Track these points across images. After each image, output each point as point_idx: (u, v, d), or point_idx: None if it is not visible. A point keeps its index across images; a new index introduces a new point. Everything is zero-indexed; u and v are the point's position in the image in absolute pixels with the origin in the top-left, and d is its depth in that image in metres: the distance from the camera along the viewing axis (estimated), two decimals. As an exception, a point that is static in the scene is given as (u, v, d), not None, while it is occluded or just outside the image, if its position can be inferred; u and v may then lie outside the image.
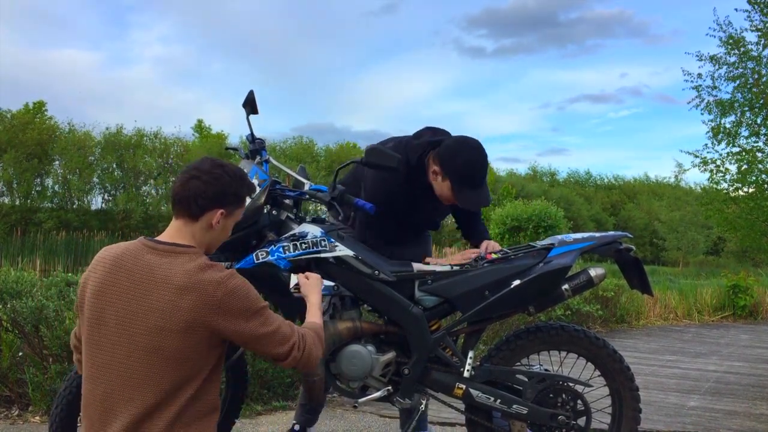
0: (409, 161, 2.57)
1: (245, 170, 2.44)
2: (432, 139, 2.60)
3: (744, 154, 11.53)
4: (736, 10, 11.21)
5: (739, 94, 11.36)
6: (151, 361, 1.68)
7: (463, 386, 2.45)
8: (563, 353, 2.63)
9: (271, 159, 2.56)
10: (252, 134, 2.57)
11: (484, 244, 2.72)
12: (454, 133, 2.65)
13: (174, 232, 1.82)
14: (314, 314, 2.05)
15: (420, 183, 2.60)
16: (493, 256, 2.53)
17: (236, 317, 1.72)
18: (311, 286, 2.14)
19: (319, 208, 2.73)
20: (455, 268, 2.48)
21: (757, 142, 11.54)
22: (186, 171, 1.83)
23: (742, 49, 11.12)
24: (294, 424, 3.02)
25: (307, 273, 2.22)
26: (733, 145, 11.66)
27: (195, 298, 1.67)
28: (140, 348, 1.68)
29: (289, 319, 2.33)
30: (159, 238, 1.82)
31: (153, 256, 1.74)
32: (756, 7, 10.85)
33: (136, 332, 1.69)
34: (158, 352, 1.68)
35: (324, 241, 2.35)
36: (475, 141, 2.53)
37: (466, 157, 2.47)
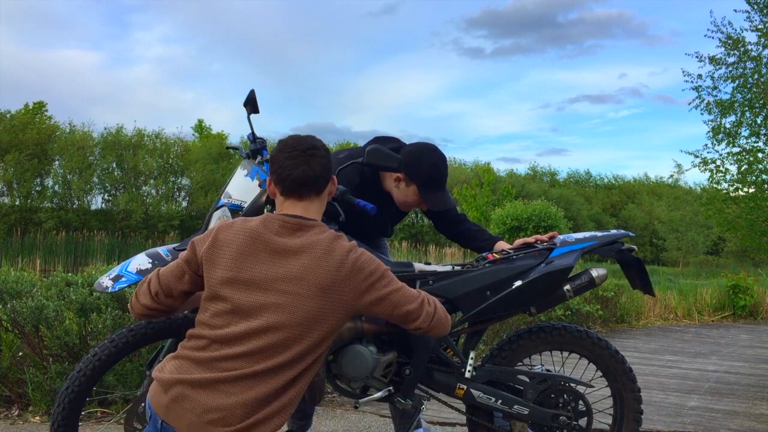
0: (363, 172, 2.62)
1: (246, 170, 2.44)
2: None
3: (744, 154, 11.55)
4: (735, 10, 11.24)
5: (739, 95, 11.37)
6: (290, 328, 1.75)
7: (464, 386, 2.45)
8: (565, 353, 2.63)
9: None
10: (253, 133, 2.57)
11: (500, 245, 2.75)
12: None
13: (301, 210, 1.90)
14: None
15: (373, 191, 2.65)
16: (495, 256, 2.53)
17: (366, 278, 1.83)
18: None
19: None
20: (456, 268, 2.48)
21: (758, 142, 11.56)
22: (299, 153, 1.88)
23: (741, 49, 11.13)
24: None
25: None
26: (734, 145, 11.68)
27: (334, 263, 1.79)
28: (279, 314, 1.75)
29: None
30: (287, 213, 1.89)
31: (287, 233, 1.83)
32: (755, 7, 10.86)
33: (278, 298, 1.76)
34: (296, 312, 1.75)
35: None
36: (434, 145, 2.64)
37: (430, 161, 2.56)
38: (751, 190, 11.78)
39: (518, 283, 2.40)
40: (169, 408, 1.73)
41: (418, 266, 2.48)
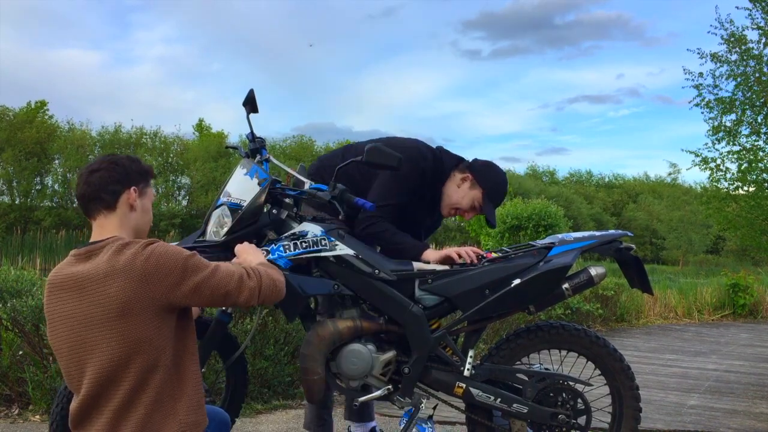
0: (436, 168, 2.75)
1: (245, 169, 2.44)
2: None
3: (744, 152, 11.53)
4: (737, 8, 11.22)
5: (740, 93, 11.36)
6: (111, 361, 1.67)
7: (464, 385, 2.45)
8: (563, 352, 2.63)
9: (271, 158, 2.56)
10: (252, 133, 2.57)
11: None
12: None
13: (96, 231, 1.83)
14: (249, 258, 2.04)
15: (432, 188, 2.77)
16: (494, 255, 2.54)
17: (166, 278, 1.70)
18: (244, 251, 2.11)
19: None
20: (455, 267, 2.49)
21: (758, 140, 11.55)
22: (83, 171, 1.85)
23: (743, 47, 11.12)
24: None
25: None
26: (734, 144, 11.67)
27: (118, 280, 1.66)
28: (95, 351, 1.68)
29: (290, 319, 2.33)
30: (88, 242, 1.83)
31: (79, 265, 1.74)
32: (757, 5, 10.84)
33: (87, 336, 1.68)
34: (107, 348, 1.66)
35: (324, 240, 2.35)
36: (493, 164, 2.83)
37: (503, 177, 2.79)
38: (751, 189, 11.78)
39: (517, 281, 2.40)
40: None
41: (418, 265, 2.48)
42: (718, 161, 11.85)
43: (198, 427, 1.76)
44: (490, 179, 2.74)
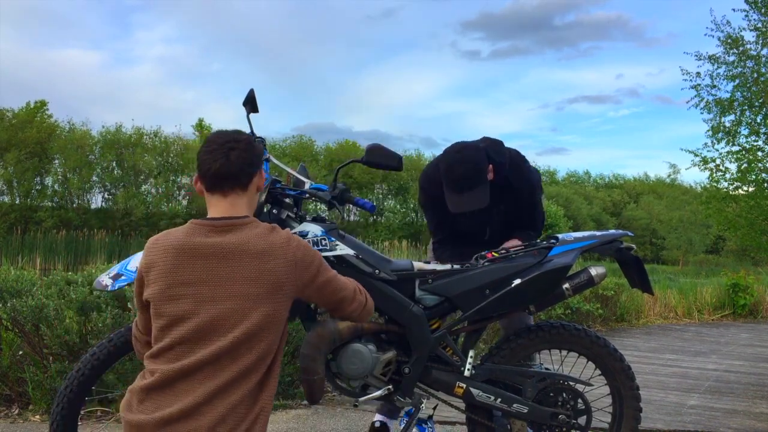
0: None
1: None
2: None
3: (744, 152, 11.54)
4: (733, 10, 11.23)
5: (739, 93, 11.36)
6: (239, 333, 1.70)
7: (464, 385, 2.45)
8: (564, 352, 2.63)
9: (272, 158, 2.56)
10: (252, 133, 2.57)
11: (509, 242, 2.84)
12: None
13: (227, 207, 1.82)
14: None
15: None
16: (494, 254, 2.54)
17: (308, 268, 1.82)
18: None
19: (319, 207, 2.72)
20: (455, 267, 2.49)
21: (757, 140, 11.55)
22: (218, 147, 1.81)
23: (740, 48, 11.12)
24: (374, 422, 3.11)
25: None
26: (733, 144, 11.67)
27: (276, 258, 1.75)
28: (231, 320, 1.71)
29: (290, 319, 2.33)
30: (210, 216, 1.82)
31: (219, 236, 1.76)
32: (753, 6, 10.85)
33: (230, 304, 1.71)
34: (246, 321, 1.70)
35: (324, 240, 2.35)
36: (458, 146, 2.65)
37: (446, 163, 2.62)
38: (750, 189, 11.78)
39: (517, 281, 2.40)
40: None
41: (418, 265, 2.48)
42: (718, 161, 11.86)
43: (266, 415, 1.77)
44: (443, 175, 2.64)
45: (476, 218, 2.82)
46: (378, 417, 3.12)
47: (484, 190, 2.61)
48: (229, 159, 1.80)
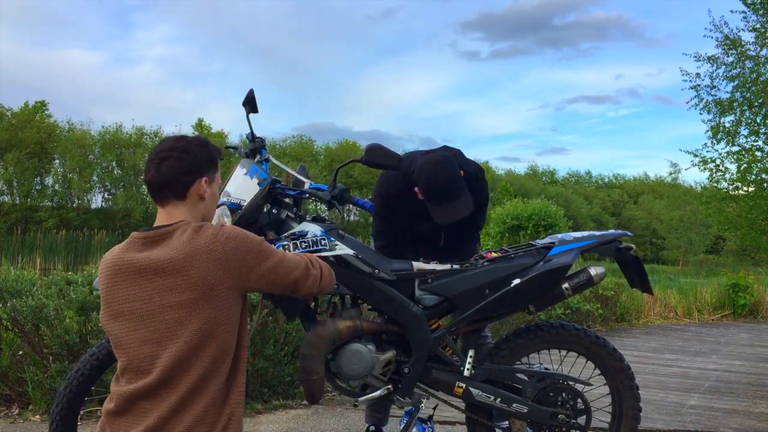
0: (405, 174, 2.67)
1: (245, 169, 2.44)
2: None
3: (743, 153, 11.53)
4: (731, 11, 11.23)
5: (738, 94, 11.36)
6: (183, 344, 1.66)
7: (463, 385, 2.45)
8: (563, 352, 2.63)
9: (271, 158, 2.56)
10: (252, 133, 2.57)
11: None
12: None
13: (164, 217, 1.81)
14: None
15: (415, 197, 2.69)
16: (494, 254, 2.54)
17: (244, 260, 1.73)
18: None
19: (319, 207, 2.72)
20: (455, 267, 2.49)
21: (757, 141, 11.54)
22: (153, 156, 1.81)
23: (739, 49, 11.12)
24: (368, 426, 3.11)
25: None
26: (733, 144, 11.67)
27: (201, 262, 1.68)
28: (172, 334, 1.67)
29: (290, 319, 2.33)
30: (153, 227, 1.81)
31: (148, 249, 1.73)
32: (751, 8, 10.85)
33: (166, 319, 1.67)
34: (186, 331, 1.66)
35: (324, 239, 2.35)
36: (438, 157, 2.59)
37: (426, 177, 2.54)
38: (750, 189, 11.77)
39: (516, 281, 2.40)
40: None
41: (417, 265, 2.48)
42: (718, 161, 11.86)
43: (238, 418, 1.76)
44: (423, 187, 2.58)
45: (434, 224, 2.72)
46: (370, 425, 3.13)
47: (467, 197, 2.58)
48: (160, 170, 1.78)
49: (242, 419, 1.77)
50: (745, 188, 11.85)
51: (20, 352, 3.78)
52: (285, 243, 2.33)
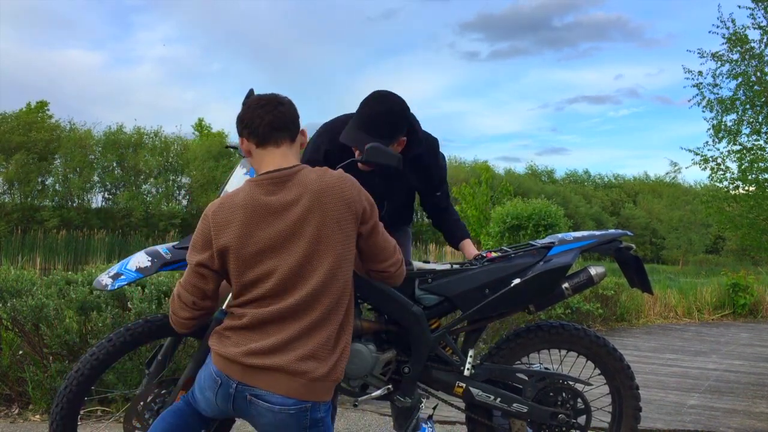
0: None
1: (245, 168, 2.44)
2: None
3: (745, 152, 11.53)
4: (739, 7, 11.20)
5: (741, 92, 11.35)
6: (318, 278, 1.82)
7: (463, 385, 2.45)
8: (563, 352, 2.63)
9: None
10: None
11: (466, 247, 2.83)
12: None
13: (280, 159, 1.93)
14: None
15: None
16: (493, 254, 2.54)
17: (363, 207, 1.90)
18: None
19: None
20: (455, 266, 2.49)
21: (759, 140, 11.54)
22: (266, 102, 1.95)
23: (745, 46, 11.11)
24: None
25: None
26: (734, 143, 11.66)
27: (333, 198, 1.84)
28: (311, 264, 1.82)
29: None
30: (265, 171, 1.92)
31: (278, 188, 1.86)
32: (760, 4, 10.82)
33: (302, 251, 1.82)
34: (322, 266, 1.82)
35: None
36: (383, 92, 2.51)
37: (366, 100, 2.49)
38: (751, 189, 11.77)
39: (516, 281, 2.40)
40: (251, 370, 1.79)
41: (417, 264, 2.48)
42: (719, 160, 11.86)
43: (344, 361, 1.88)
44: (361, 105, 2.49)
45: (376, 189, 2.46)
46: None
47: (386, 146, 2.38)
48: (280, 111, 1.94)
49: (347, 360, 1.91)
50: (745, 187, 11.85)
51: (20, 352, 3.78)
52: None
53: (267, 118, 1.92)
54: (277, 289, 1.82)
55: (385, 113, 2.46)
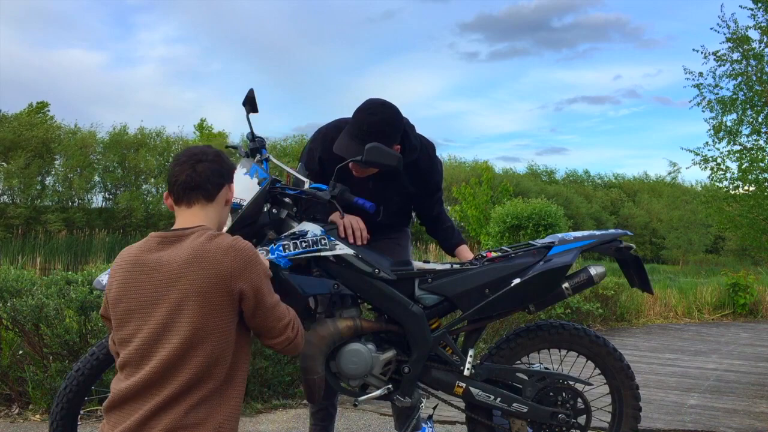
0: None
1: (245, 168, 2.44)
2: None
3: (745, 152, 11.53)
4: (740, 7, 11.20)
5: (741, 92, 11.35)
6: (181, 345, 1.70)
7: (464, 384, 2.45)
8: (563, 352, 2.63)
9: (271, 157, 2.56)
10: (252, 132, 2.57)
11: (462, 254, 2.80)
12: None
13: (188, 218, 1.86)
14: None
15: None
16: (494, 254, 2.54)
17: (244, 281, 1.76)
18: None
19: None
20: (455, 266, 2.49)
21: (759, 140, 11.54)
22: (186, 159, 1.88)
23: (745, 47, 11.12)
24: None
25: None
26: (734, 143, 11.66)
27: (207, 266, 1.72)
28: (167, 333, 1.71)
29: None
30: (173, 228, 1.86)
31: (164, 247, 1.79)
32: (760, 5, 10.82)
33: (161, 318, 1.72)
34: (177, 334, 1.70)
35: (324, 239, 2.35)
36: (381, 101, 2.51)
37: (361, 108, 2.49)
38: (751, 189, 11.77)
39: (516, 281, 2.40)
40: None
41: (417, 264, 2.48)
42: (719, 160, 11.86)
43: None
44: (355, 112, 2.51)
45: (369, 194, 2.57)
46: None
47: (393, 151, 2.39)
48: (196, 170, 1.86)
49: None
50: (745, 187, 11.85)
51: (20, 352, 3.78)
52: (285, 243, 2.33)
53: (181, 177, 1.86)
54: (135, 356, 1.73)
55: (378, 123, 2.45)
